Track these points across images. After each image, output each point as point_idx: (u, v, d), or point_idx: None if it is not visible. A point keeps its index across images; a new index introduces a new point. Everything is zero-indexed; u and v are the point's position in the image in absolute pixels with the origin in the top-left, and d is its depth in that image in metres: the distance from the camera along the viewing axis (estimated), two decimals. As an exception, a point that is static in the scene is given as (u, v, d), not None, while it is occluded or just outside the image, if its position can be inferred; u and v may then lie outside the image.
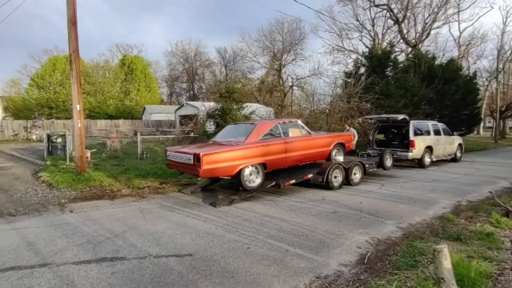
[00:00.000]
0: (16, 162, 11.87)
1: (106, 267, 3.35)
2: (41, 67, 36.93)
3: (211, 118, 10.80)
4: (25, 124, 26.81)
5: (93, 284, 2.99)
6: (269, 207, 5.80)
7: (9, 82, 42.48)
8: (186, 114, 22.84)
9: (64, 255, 3.67)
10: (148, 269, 3.29)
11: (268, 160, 6.46)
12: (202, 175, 5.87)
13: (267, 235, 4.31)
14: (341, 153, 8.19)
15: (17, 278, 3.11)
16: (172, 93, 52.61)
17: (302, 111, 20.24)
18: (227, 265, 3.38)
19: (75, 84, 8.02)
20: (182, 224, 4.80)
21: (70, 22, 7.77)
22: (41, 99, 34.20)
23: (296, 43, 34.48)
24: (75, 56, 7.96)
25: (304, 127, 7.61)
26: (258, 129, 6.67)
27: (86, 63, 38.01)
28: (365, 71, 18.47)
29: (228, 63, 45.30)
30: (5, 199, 6.41)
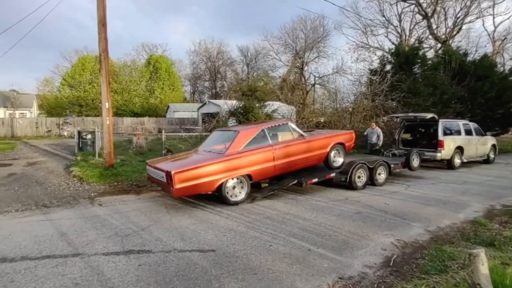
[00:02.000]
0: (50, 157, 12.55)
1: (133, 259, 3.47)
2: (72, 66, 38.76)
3: (233, 116, 10.88)
4: (58, 121, 28.28)
5: (121, 275, 3.11)
6: (291, 206, 5.77)
7: (43, 81, 44.91)
8: (208, 112, 23.17)
9: (94, 246, 3.84)
10: (173, 263, 3.38)
11: (253, 171, 5.91)
12: (175, 194, 5.30)
13: (289, 233, 4.30)
14: (341, 154, 7.41)
15: (53, 266, 3.30)
16: (194, 91, 53.50)
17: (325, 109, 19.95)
18: (249, 262, 3.41)
19: (104, 83, 8.34)
20: (205, 220, 4.89)
21: (100, 23, 8.09)
22: (72, 97, 35.90)
23: (319, 40, 34.00)
24: (105, 56, 8.28)
25: (296, 129, 6.93)
26: (241, 137, 6.04)
27: (114, 62, 39.44)
28: (391, 68, 17.90)
29: (250, 61, 45.41)
30: (40, 192, 6.79)
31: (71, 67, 38.76)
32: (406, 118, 11.58)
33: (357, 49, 27.60)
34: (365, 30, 27.44)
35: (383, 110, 15.28)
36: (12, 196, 6.44)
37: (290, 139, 6.65)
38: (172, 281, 2.98)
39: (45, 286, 2.90)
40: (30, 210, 5.52)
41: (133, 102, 39.07)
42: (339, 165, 7.27)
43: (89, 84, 36.46)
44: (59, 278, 3.05)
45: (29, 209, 5.55)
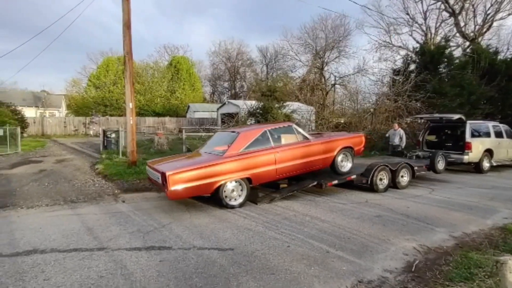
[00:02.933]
0: (77, 154, 13.11)
1: (155, 255, 3.57)
2: (97, 68, 40.27)
3: (252, 116, 10.92)
4: (84, 120, 29.49)
5: (143, 270, 3.21)
6: (309, 207, 5.73)
7: (71, 82, 46.97)
8: (228, 112, 23.38)
9: (118, 241, 3.99)
10: (192, 260, 3.45)
11: (253, 174, 5.70)
12: (170, 196, 5.12)
13: (307, 235, 4.27)
14: (349, 158, 7.02)
15: (79, 259, 3.46)
16: (214, 91, 54.15)
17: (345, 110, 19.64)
18: (267, 262, 3.42)
19: (128, 84, 8.63)
20: (224, 219, 4.95)
21: (125, 26, 8.37)
22: (97, 97, 37.32)
23: (340, 40, 33.47)
24: (129, 58, 8.56)
25: (300, 131, 6.62)
26: (241, 138, 5.86)
27: (137, 64, 40.63)
28: (416, 68, 17.36)
29: (269, 61, 45.45)
30: (68, 188, 7.12)
31: (97, 68, 40.32)
32: (431, 119, 11.18)
33: (379, 48, 26.91)
34: (388, 28, 26.67)
35: (406, 111, 14.85)
36: (42, 191, 6.79)
37: (294, 141, 6.38)
38: (191, 278, 3.05)
39: (72, 277, 3.05)
40: (59, 205, 5.80)
41: (155, 102, 40.09)
42: (347, 170, 6.93)
43: (113, 85, 37.77)
44: (85, 270, 3.19)
45: (58, 204, 5.83)
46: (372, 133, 14.53)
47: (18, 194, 6.52)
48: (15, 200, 6.01)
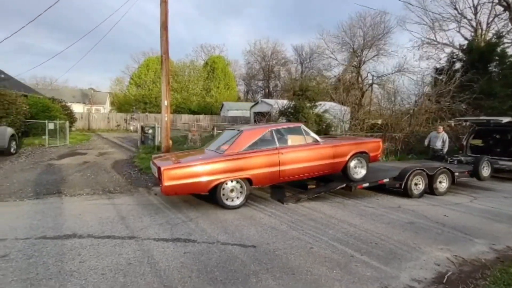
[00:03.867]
0: (117, 148, 13.95)
1: (180, 247, 3.71)
2: (138, 67, 42.48)
3: (284, 115, 10.87)
4: (125, 116, 31.31)
5: (168, 260, 3.35)
6: (337, 209, 5.59)
7: (115, 81, 50.07)
8: (260, 111, 23.47)
9: (147, 231, 4.19)
10: (215, 254, 3.53)
11: (254, 174, 5.47)
12: (164, 192, 5.08)
13: (332, 237, 4.18)
14: (364, 165, 6.52)
15: (112, 246, 3.69)
16: (248, 90, 54.63)
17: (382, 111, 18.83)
18: (289, 262, 3.40)
19: (164, 82, 8.99)
20: (249, 217, 4.99)
21: (162, 27, 8.73)
22: (138, 95, 39.34)
23: (379, 37, 32.12)
24: (165, 57, 8.92)
25: (309, 133, 6.27)
26: (244, 137, 5.66)
27: (175, 63, 42.20)
28: (461, 66, 16.17)
29: (304, 60, 44.84)
30: (107, 179, 7.61)
31: (138, 68, 42.54)
32: (477, 122, 10.36)
33: (422, 46, 25.40)
34: (433, 25, 25.05)
35: (449, 112, 13.90)
36: (84, 181, 7.33)
37: (302, 143, 6.07)
38: (213, 271, 3.13)
39: (104, 262, 3.26)
40: (97, 194, 6.23)
41: (191, 100, 41.37)
42: (360, 177, 6.44)
43: (152, 83, 39.60)
44: (116, 256, 3.40)
45: (97, 194, 6.26)
46: (410, 136, 13.79)
47: (63, 183, 7.09)
48: (60, 188, 6.55)
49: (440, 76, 15.62)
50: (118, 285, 2.81)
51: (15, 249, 3.52)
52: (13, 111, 12.08)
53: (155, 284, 2.85)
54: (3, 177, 7.38)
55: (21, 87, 19.16)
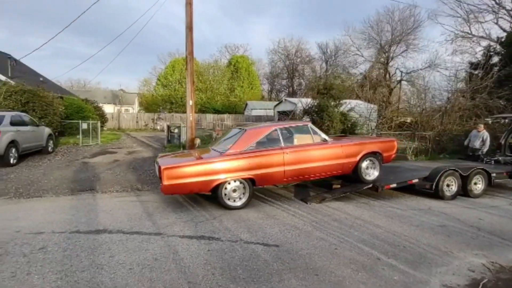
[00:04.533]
0: (145, 147, 14.44)
1: (204, 244, 3.78)
2: (164, 68, 43.70)
3: (308, 114, 10.73)
4: (153, 116, 32.37)
5: (192, 257, 3.42)
6: (363, 210, 5.44)
7: (143, 82, 51.85)
8: (284, 110, 23.35)
9: (173, 228, 4.31)
10: (238, 252, 3.56)
11: (257, 174, 5.30)
12: (164, 191, 5.02)
13: (357, 239, 4.07)
14: (377, 166, 6.24)
15: (139, 241, 3.83)
16: (272, 89, 54.54)
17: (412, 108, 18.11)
18: (312, 262, 3.35)
19: (189, 82, 9.18)
20: (272, 216, 4.98)
21: (187, 28, 8.91)
22: (165, 95, 40.49)
23: (409, 32, 30.89)
24: (190, 58, 9.10)
25: (317, 132, 6.02)
26: (248, 136, 5.53)
27: (200, 63, 42.99)
28: (499, 60, 15.18)
29: (329, 58, 44.08)
30: (135, 177, 7.90)
31: (164, 68, 43.77)
32: (517, 120, 9.66)
33: (455, 39, 24.05)
34: (468, 17, 23.63)
35: (485, 110, 13.08)
36: (114, 179, 7.65)
37: (309, 143, 5.82)
38: (236, 269, 3.15)
39: (132, 257, 3.39)
40: (126, 191, 6.49)
41: (215, 100, 41.98)
42: (372, 179, 6.17)
43: (178, 84, 40.60)
44: (143, 252, 3.52)
45: (126, 191, 6.52)
46: (441, 134, 13.13)
47: (95, 180, 7.45)
48: (93, 185, 6.89)
49: (476, 71, 14.75)
50: (145, 280, 2.91)
51: (51, 242, 3.74)
52: (51, 112, 12.85)
53: (180, 280, 2.92)
54: (41, 174, 7.87)
55: (57, 89, 20.35)
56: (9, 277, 2.90)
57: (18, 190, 6.28)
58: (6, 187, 6.45)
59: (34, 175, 7.66)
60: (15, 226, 4.23)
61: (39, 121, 11.27)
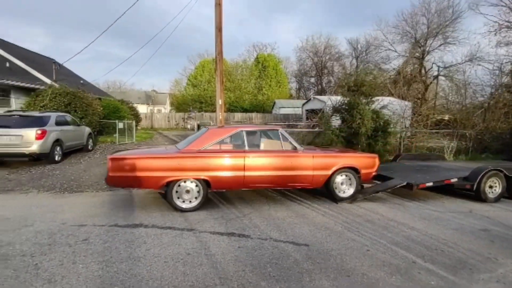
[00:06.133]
0: (176, 146, 14.92)
1: (234, 241, 3.84)
2: (195, 68, 44.78)
3: (337, 112, 10.49)
4: (183, 115, 33.36)
5: (223, 253, 3.49)
6: (397, 211, 5.25)
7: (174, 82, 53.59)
8: (313, 108, 23.04)
9: (204, 224, 4.42)
10: (268, 251, 3.58)
11: (212, 176, 4.99)
12: (108, 182, 4.85)
13: (391, 241, 3.93)
14: (353, 182, 5.72)
15: (172, 236, 3.97)
16: (300, 87, 53.97)
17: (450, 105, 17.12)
18: (343, 263, 3.30)
19: (219, 82, 9.35)
20: (302, 215, 4.95)
21: (217, 29, 9.07)
22: (194, 95, 41.53)
23: (447, 24, 29.09)
24: (219, 58, 9.26)
25: (288, 139, 5.57)
26: (208, 135, 5.29)
27: (228, 63, 43.58)
28: (552, 51, 13.84)
29: (359, 54, 42.77)
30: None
31: (194, 69, 44.88)
32: None
33: (499, 30, 22.28)
34: (514, 5, 21.81)
35: (534, 105, 12.05)
36: (148, 175, 7.97)
37: (276, 149, 5.49)
38: (266, 267, 3.17)
39: (167, 251, 3.53)
40: (160, 188, 6.73)
41: (243, 99, 42.36)
42: (347, 196, 5.71)
43: (207, 83, 41.46)
44: (176, 246, 3.65)
45: (159, 188, 6.77)
46: (484, 132, 12.28)
47: (131, 176, 7.81)
48: (129, 182, 7.23)
49: (524, 64, 13.59)
50: (179, 273, 3.02)
51: (93, 234, 4.00)
52: (90, 112, 13.67)
53: (211, 275, 3.00)
54: (82, 171, 8.41)
55: (96, 91, 21.59)
56: (58, 265, 3.14)
57: (63, 185, 6.76)
58: (53, 183, 6.97)
59: (76, 172, 8.20)
60: (61, 218, 4.56)
61: (80, 121, 12.04)
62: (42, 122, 8.96)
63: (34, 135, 8.49)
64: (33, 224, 4.31)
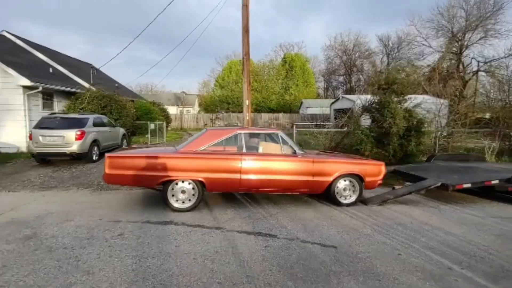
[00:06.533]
0: (204, 146, 15.26)
1: (261, 241, 3.86)
2: (222, 70, 45.50)
3: (367, 112, 10.19)
4: (211, 116, 34.03)
5: (250, 252, 3.53)
6: (431, 215, 5.00)
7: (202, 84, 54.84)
8: (341, 107, 22.53)
9: (231, 224, 4.49)
10: (295, 251, 3.56)
11: (207, 178, 4.97)
12: (106, 180, 4.98)
13: (425, 245, 3.76)
14: (357, 189, 5.49)
15: (202, 234, 4.08)
16: (328, 87, 53.03)
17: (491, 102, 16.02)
18: (373, 267, 3.20)
19: (245, 83, 9.44)
20: (329, 216, 4.87)
21: (244, 30, 9.16)
22: (222, 96, 42.19)
23: (488, 16, 27.22)
24: (246, 59, 9.34)
25: (287, 142, 5.47)
26: (206, 136, 5.31)
27: (255, 64, 43.78)
28: None
29: (391, 51, 41.28)
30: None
31: (222, 70, 45.60)
32: None
33: (549, 20, 20.50)
34: None
35: None
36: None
37: (275, 153, 5.35)
38: (293, 267, 3.16)
39: (196, 248, 3.63)
40: (189, 187, 6.92)
41: (270, 99, 42.38)
42: (348, 203, 5.47)
43: (234, 84, 41.94)
44: (205, 244, 3.74)
45: (189, 186, 6.96)
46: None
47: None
48: (160, 180, 7.51)
49: None
50: (207, 270, 3.09)
51: (127, 229, 4.20)
52: (124, 114, 14.35)
53: (239, 273, 3.04)
54: (117, 169, 8.85)
55: (129, 94, 22.59)
56: (96, 258, 3.34)
57: (100, 183, 7.16)
58: (91, 180, 7.41)
59: (112, 170, 8.65)
60: (98, 214, 4.84)
61: (115, 122, 12.68)
62: (81, 124, 9.54)
63: (74, 136, 9.07)
64: (73, 219, 4.61)
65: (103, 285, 2.78)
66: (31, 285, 2.78)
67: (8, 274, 2.96)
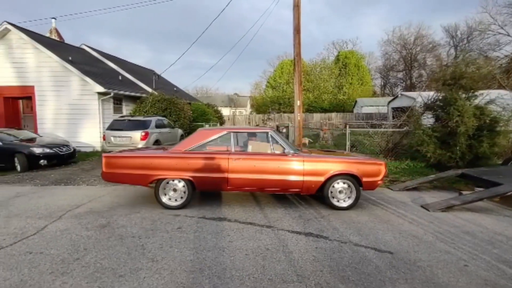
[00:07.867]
0: (256, 146, 15.55)
1: (312, 241, 3.85)
2: (274, 71, 45.76)
3: (429, 110, 9.39)
4: (263, 117, 34.51)
5: (301, 252, 3.55)
6: (506, 225, 4.46)
7: (254, 85, 55.85)
8: (400, 106, 21.09)
9: (282, 223, 4.55)
10: (347, 254, 3.48)
11: (196, 177, 5.10)
12: (104, 178, 5.38)
13: (497, 258, 3.38)
14: (353, 191, 5.14)
15: (253, 231, 4.21)
16: (385, 84, 49.99)
17: None
18: (434, 276, 2.98)
19: (297, 83, 9.41)
20: (385, 220, 4.64)
21: (295, 31, 9.15)
22: (273, 97, 42.48)
23: None
24: (298, 59, 9.32)
25: (278, 141, 5.31)
26: (196, 136, 5.44)
27: (307, 63, 43.22)
28: None
29: (459, 42, 37.39)
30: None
31: (273, 71, 45.89)
32: None
33: None
34: None
35: None
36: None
37: (263, 152, 5.29)
38: (345, 270, 3.10)
39: (248, 244, 3.76)
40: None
41: (322, 99, 41.46)
42: (344, 206, 5.15)
43: (286, 85, 41.91)
44: (257, 241, 3.86)
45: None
46: None
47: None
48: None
49: None
50: (259, 266, 3.19)
51: (185, 223, 4.53)
52: (182, 116, 15.34)
53: (289, 271, 3.09)
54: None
55: (186, 97, 24.06)
56: (158, 247, 3.68)
57: (161, 180, 7.78)
58: (153, 177, 8.09)
59: (171, 168, 9.33)
60: (160, 208, 5.29)
61: (174, 123, 13.63)
62: (145, 125, 10.47)
63: (140, 136, 9.99)
64: (139, 211, 5.11)
65: (165, 273, 3.06)
66: (106, 267, 3.18)
67: (88, 257, 3.42)
